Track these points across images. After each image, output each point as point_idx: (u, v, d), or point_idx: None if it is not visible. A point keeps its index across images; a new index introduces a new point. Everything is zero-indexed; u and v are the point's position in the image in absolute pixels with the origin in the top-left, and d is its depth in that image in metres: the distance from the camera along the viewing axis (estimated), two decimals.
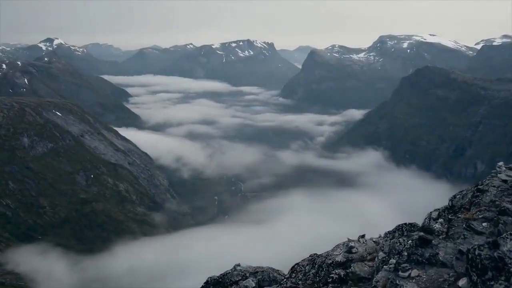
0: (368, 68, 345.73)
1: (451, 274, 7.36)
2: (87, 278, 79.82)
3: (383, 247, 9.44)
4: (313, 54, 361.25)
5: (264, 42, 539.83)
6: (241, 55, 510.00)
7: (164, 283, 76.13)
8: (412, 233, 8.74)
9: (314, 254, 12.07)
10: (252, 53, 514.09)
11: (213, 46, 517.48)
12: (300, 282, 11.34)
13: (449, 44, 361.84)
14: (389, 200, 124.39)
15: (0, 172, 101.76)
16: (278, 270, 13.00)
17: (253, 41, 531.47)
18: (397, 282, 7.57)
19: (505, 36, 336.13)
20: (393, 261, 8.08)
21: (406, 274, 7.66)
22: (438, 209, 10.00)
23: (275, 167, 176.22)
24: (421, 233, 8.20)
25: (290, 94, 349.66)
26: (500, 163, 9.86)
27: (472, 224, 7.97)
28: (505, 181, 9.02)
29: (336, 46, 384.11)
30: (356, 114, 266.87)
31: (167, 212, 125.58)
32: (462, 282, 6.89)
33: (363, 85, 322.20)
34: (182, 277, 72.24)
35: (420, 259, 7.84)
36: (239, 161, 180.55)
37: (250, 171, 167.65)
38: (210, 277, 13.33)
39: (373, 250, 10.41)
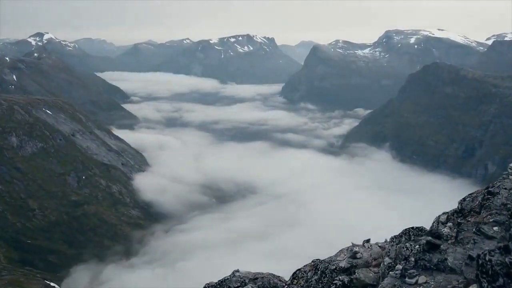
0: (374, 64, 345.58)
1: (460, 280, 7.35)
2: None
3: (389, 252, 9.45)
4: (315, 49, 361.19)
5: (265, 37, 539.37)
6: (240, 50, 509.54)
7: None
8: (419, 238, 8.74)
9: (317, 259, 12.07)
10: (251, 48, 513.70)
11: (211, 41, 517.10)
12: None
13: (459, 39, 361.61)
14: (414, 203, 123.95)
15: None
16: (278, 277, 12.99)
17: (253, 36, 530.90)
18: None
19: None
20: (399, 267, 8.08)
21: (413, 280, 7.65)
22: (447, 213, 10.00)
23: (278, 169, 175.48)
24: (429, 238, 8.19)
25: (292, 92, 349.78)
26: None
27: (483, 228, 7.95)
28: None
29: (340, 41, 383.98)
30: (362, 112, 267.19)
31: (163, 215, 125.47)
32: None
33: (368, 82, 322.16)
34: None
35: (428, 265, 7.83)
36: (240, 163, 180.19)
37: (253, 174, 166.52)
38: (208, 284, 13.36)
39: (379, 255, 10.41)
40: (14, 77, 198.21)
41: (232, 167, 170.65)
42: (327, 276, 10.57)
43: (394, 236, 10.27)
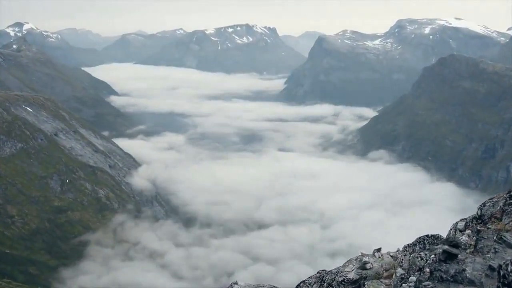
0: (385, 57, 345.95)
1: None
2: None
3: (401, 262, 9.46)
4: (321, 40, 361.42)
5: (265, 27, 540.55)
6: (239, 41, 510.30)
7: None
8: (435, 247, 8.75)
9: (323, 270, 12.08)
10: (251, 39, 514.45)
11: (207, 32, 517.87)
12: None
13: (478, 29, 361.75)
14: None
15: None
16: None
17: (253, 26, 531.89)
18: None
19: None
20: (413, 278, 8.09)
21: None
22: (465, 219, 10.01)
23: (282, 171, 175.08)
24: (446, 247, 8.19)
25: (295, 87, 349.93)
26: None
27: (504, 236, 7.96)
28: None
29: (348, 31, 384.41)
30: (372, 109, 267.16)
31: (154, 222, 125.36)
32: None
33: (379, 76, 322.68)
34: None
35: (445, 276, 7.84)
36: (242, 165, 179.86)
37: (255, 178, 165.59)
38: None
39: (391, 266, 10.41)
40: None
41: (232, 173, 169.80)
42: None
43: (408, 244, 10.28)
